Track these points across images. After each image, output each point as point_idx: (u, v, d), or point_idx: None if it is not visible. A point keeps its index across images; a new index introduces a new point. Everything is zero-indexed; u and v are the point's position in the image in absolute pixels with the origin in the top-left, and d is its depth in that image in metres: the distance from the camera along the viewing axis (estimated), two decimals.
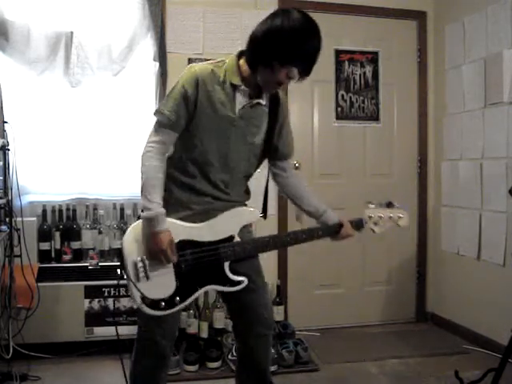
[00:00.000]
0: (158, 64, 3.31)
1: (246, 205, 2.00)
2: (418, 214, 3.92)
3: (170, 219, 1.80)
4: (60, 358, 3.02)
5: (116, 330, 1.97)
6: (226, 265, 1.86)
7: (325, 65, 3.74)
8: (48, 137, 3.26)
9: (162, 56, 3.32)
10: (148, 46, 3.34)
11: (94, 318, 3.06)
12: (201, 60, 3.44)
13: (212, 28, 3.49)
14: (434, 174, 3.90)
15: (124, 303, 3.10)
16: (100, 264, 3.17)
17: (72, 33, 3.18)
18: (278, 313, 3.45)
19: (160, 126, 1.82)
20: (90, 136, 3.33)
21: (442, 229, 3.77)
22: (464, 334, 3.48)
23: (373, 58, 3.82)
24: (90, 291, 3.07)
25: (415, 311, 3.94)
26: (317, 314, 3.72)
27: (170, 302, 1.80)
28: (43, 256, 3.16)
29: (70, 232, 3.21)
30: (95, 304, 3.07)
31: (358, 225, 2.05)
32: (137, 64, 3.35)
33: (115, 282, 2.98)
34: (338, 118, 3.78)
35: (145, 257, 1.78)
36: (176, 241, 1.80)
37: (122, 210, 3.33)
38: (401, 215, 2.07)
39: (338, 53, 3.76)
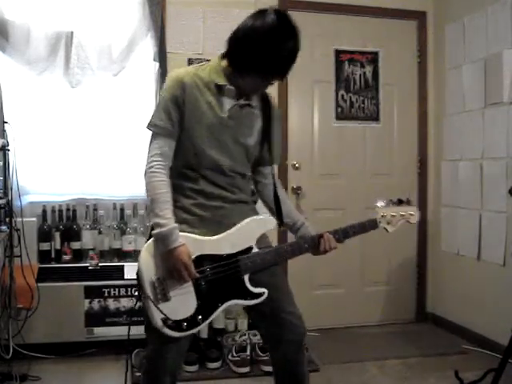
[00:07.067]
0: (157, 64, 3.32)
1: (255, 203, 1.92)
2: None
3: (184, 234, 1.70)
4: (60, 358, 3.02)
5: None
6: (246, 277, 1.76)
7: (325, 65, 3.75)
8: (48, 137, 3.26)
9: (162, 56, 3.32)
10: (148, 46, 3.34)
11: (94, 318, 3.06)
12: (201, 60, 3.45)
13: (212, 28, 3.48)
14: (434, 174, 3.89)
15: (124, 304, 3.10)
16: (100, 264, 3.17)
17: (72, 33, 3.18)
18: None
19: (157, 138, 1.75)
20: (90, 136, 3.33)
21: (442, 229, 3.77)
22: (464, 333, 3.47)
23: (373, 58, 3.82)
24: (89, 291, 3.07)
25: (415, 311, 3.94)
26: (317, 314, 3.70)
27: (191, 321, 1.70)
28: (43, 256, 3.16)
29: (70, 232, 3.21)
30: (95, 304, 3.07)
31: (371, 225, 1.93)
32: (137, 64, 3.35)
33: (116, 281, 3.09)
34: (337, 118, 3.77)
35: (162, 276, 1.68)
36: (193, 257, 1.69)
37: (121, 210, 3.33)
38: (412, 212, 2.00)
39: (338, 53, 3.76)
